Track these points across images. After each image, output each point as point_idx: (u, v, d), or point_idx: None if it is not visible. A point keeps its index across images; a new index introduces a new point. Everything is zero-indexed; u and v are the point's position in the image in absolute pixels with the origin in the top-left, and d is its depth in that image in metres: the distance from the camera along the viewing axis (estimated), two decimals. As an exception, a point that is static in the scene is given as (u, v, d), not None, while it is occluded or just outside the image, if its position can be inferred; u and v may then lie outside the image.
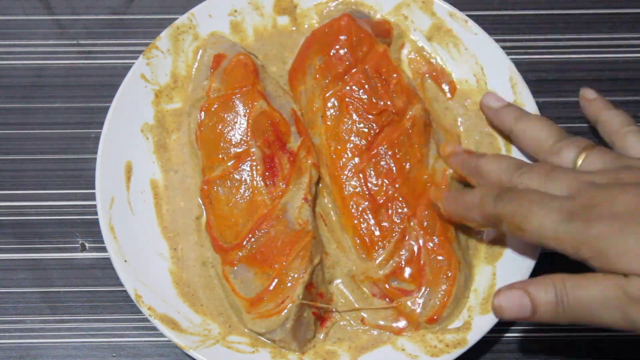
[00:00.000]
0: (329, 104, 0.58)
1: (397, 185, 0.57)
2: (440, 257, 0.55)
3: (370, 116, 0.58)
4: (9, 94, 0.65)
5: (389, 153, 0.57)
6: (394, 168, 0.57)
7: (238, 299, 0.55)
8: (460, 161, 0.57)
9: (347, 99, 0.58)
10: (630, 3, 0.68)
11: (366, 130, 0.57)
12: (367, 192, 0.57)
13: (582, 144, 0.54)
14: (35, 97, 0.65)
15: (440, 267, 0.55)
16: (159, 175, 0.60)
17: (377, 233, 0.56)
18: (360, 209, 0.57)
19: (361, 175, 0.57)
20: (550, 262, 0.61)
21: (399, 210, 0.56)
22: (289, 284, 0.54)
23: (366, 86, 0.58)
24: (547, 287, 0.49)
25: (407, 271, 0.56)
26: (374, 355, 0.56)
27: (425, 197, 0.57)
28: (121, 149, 0.59)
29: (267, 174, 0.57)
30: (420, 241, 0.56)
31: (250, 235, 0.56)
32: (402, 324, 0.57)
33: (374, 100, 0.58)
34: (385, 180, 0.57)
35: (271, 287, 0.54)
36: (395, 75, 0.58)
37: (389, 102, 0.58)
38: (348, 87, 0.58)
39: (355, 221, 0.57)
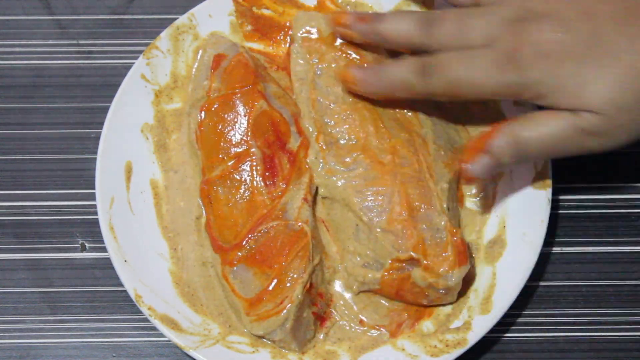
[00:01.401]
0: None
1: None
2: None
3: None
4: (9, 94, 0.65)
5: None
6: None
7: (237, 299, 0.55)
8: (358, 31, 0.56)
9: None
10: (630, 3, 0.68)
11: None
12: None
13: None
14: (35, 97, 0.65)
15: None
16: (159, 175, 0.60)
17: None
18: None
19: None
20: (550, 261, 0.62)
21: None
22: (288, 284, 0.54)
23: None
24: (502, 136, 0.51)
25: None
26: (374, 355, 0.56)
27: None
28: (121, 149, 0.59)
29: (267, 174, 0.57)
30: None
31: (249, 236, 0.56)
32: (401, 323, 0.57)
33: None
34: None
35: (270, 288, 0.54)
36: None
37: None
38: None
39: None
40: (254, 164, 0.57)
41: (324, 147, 0.57)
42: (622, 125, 0.49)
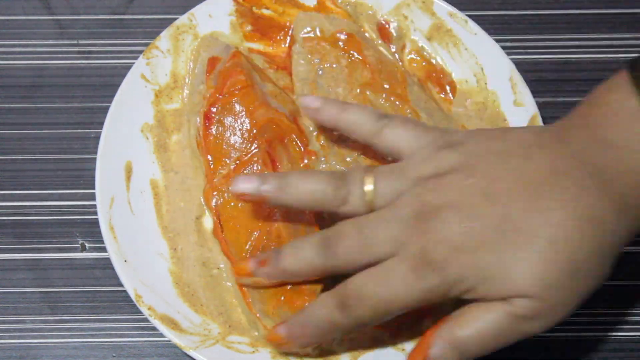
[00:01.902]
0: None
1: None
2: None
3: None
4: (9, 94, 0.65)
5: None
6: None
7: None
8: (262, 276, 0.52)
9: None
10: (630, 3, 0.68)
11: None
12: None
13: (360, 173, 0.50)
14: (35, 97, 0.65)
15: None
16: (159, 176, 0.60)
17: None
18: None
19: None
20: (550, 262, 0.61)
21: None
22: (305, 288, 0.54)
23: None
24: (440, 342, 0.47)
25: None
26: (374, 355, 0.56)
27: None
28: (121, 149, 0.59)
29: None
30: None
31: (263, 238, 0.55)
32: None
33: None
34: None
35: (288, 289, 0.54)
36: None
37: None
38: None
39: None
40: (259, 166, 0.56)
41: (325, 146, 0.57)
42: (556, 303, 0.46)
